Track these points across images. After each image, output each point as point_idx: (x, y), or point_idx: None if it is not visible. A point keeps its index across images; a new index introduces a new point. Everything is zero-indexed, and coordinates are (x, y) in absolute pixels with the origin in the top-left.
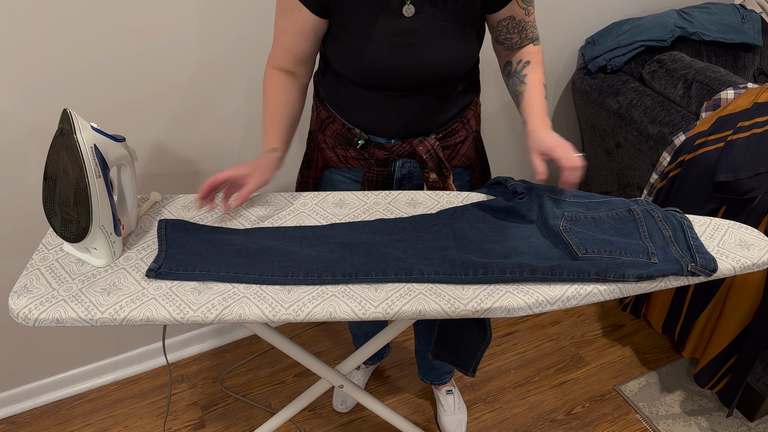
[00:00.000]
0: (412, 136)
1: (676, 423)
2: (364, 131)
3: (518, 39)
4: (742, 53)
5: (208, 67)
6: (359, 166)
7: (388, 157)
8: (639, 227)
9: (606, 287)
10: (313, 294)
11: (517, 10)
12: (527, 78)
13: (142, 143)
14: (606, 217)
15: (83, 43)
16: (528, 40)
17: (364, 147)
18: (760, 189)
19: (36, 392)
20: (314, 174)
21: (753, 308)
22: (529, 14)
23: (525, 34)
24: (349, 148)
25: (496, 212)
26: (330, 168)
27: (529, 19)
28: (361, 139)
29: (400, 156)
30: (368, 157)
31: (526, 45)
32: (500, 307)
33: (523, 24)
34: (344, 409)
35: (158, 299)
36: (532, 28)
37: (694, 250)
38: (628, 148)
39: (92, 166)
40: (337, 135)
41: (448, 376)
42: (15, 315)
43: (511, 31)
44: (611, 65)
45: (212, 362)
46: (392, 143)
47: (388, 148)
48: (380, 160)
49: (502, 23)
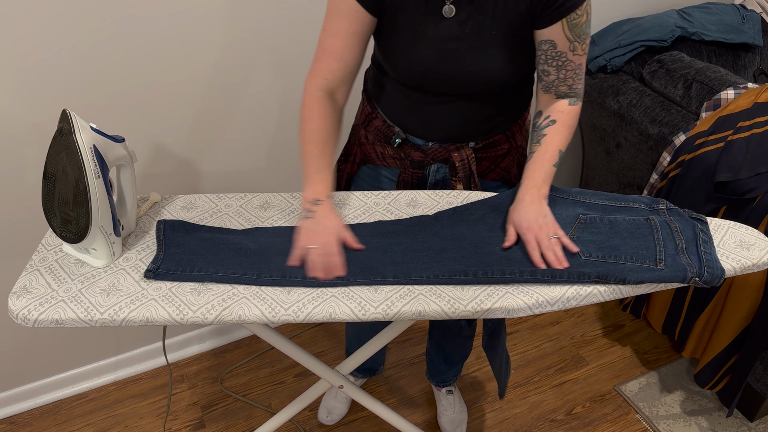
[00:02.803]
0: (451, 141)
1: (676, 423)
2: (404, 131)
3: (555, 77)
4: (742, 53)
5: (208, 68)
6: (395, 166)
7: (423, 159)
8: (654, 233)
9: (606, 288)
10: (313, 295)
11: (561, 38)
12: (544, 140)
13: (142, 143)
14: (623, 220)
15: (83, 43)
16: (566, 87)
17: (401, 146)
18: (760, 189)
19: (36, 392)
20: (350, 168)
21: (753, 308)
22: (575, 52)
23: (565, 74)
24: (386, 146)
25: (496, 211)
26: (368, 164)
27: (572, 59)
28: (399, 137)
29: (435, 160)
30: (404, 157)
31: (562, 99)
32: (500, 308)
33: (565, 60)
34: (330, 421)
35: (158, 300)
36: (575, 76)
37: (704, 264)
38: (628, 148)
39: (92, 167)
40: (377, 131)
41: (454, 378)
42: (14, 316)
43: (550, 61)
44: (611, 65)
45: (212, 362)
46: (429, 146)
47: (424, 151)
48: (415, 162)
49: (543, 46)
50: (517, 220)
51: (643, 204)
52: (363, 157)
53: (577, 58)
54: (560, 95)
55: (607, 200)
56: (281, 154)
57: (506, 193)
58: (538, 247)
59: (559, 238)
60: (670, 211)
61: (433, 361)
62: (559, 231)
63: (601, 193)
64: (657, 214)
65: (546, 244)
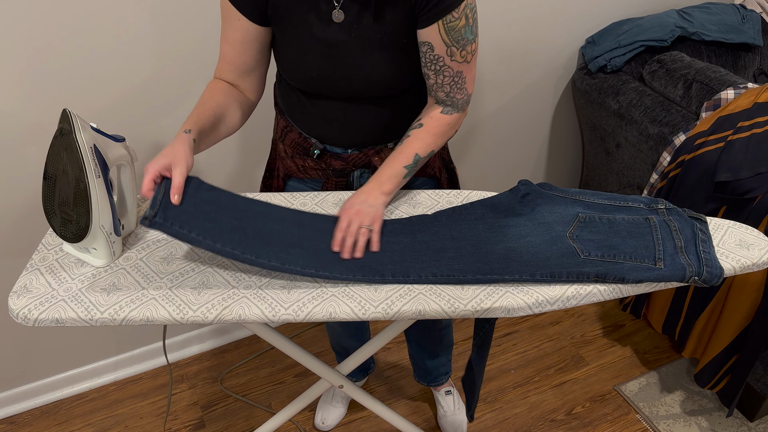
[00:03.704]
0: (369, 146)
1: (676, 423)
2: (320, 141)
3: (434, 82)
4: (742, 53)
5: (208, 68)
6: (318, 177)
7: (345, 167)
8: (653, 232)
9: (606, 287)
10: (313, 294)
11: (437, 41)
12: (406, 140)
13: (142, 143)
14: (622, 220)
15: (83, 43)
16: (443, 93)
17: (321, 157)
18: (760, 189)
19: (36, 392)
20: (277, 183)
21: (753, 308)
22: (453, 58)
23: (442, 80)
24: (306, 158)
25: (495, 211)
26: (292, 178)
27: (450, 64)
28: (317, 148)
29: (357, 166)
30: (325, 167)
31: (438, 105)
32: (500, 307)
33: (443, 65)
34: (325, 428)
35: (158, 299)
36: (454, 84)
37: (703, 263)
38: (628, 148)
39: (92, 166)
40: (295, 144)
41: (445, 377)
42: (15, 315)
43: (429, 64)
44: (611, 65)
45: (212, 362)
46: (348, 153)
47: (344, 158)
48: (338, 171)
49: (422, 48)
50: (344, 204)
51: (643, 204)
52: (286, 171)
53: (455, 64)
54: (438, 101)
55: (607, 200)
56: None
57: (505, 193)
58: (345, 230)
59: (371, 230)
60: (669, 211)
61: (418, 361)
62: (376, 225)
63: (601, 193)
64: (656, 213)
65: (352, 230)
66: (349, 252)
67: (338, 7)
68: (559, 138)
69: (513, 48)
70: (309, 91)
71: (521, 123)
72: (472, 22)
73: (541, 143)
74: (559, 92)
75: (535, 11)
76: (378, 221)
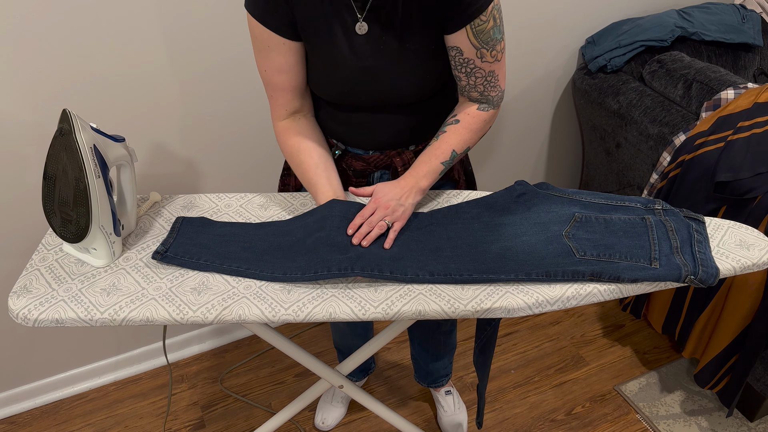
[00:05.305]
0: (391, 148)
1: (676, 423)
2: (342, 143)
3: (466, 83)
4: (742, 53)
5: (208, 68)
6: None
7: (366, 168)
8: (649, 232)
9: (606, 287)
10: (313, 294)
11: (467, 45)
12: (443, 136)
13: (142, 143)
14: (618, 219)
15: (83, 43)
16: (477, 93)
17: (342, 157)
18: (760, 189)
19: (36, 392)
20: (295, 182)
21: (753, 308)
22: (484, 59)
23: (475, 81)
24: None
25: (491, 210)
26: None
27: (481, 66)
28: (338, 149)
29: (378, 167)
30: (346, 167)
31: (473, 103)
32: (500, 308)
33: (474, 67)
34: (325, 428)
35: (158, 299)
36: (487, 83)
37: (698, 263)
38: (628, 148)
39: (92, 167)
40: None
41: (445, 378)
42: (15, 315)
43: (459, 67)
44: (611, 65)
45: (212, 362)
46: (370, 154)
47: (365, 159)
48: (358, 171)
49: (451, 52)
50: (378, 189)
51: (639, 204)
52: None
53: (486, 65)
54: (473, 100)
55: (603, 200)
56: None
57: (501, 192)
58: (366, 217)
59: (390, 227)
60: (665, 212)
61: (420, 363)
62: (397, 224)
63: (597, 193)
64: (653, 213)
65: (373, 219)
66: (359, 238)
67: (361, 19)
68: (559, 138)
69: (513, 48)
70: (337, 102)
71: (521, 123)
72: (500, 22)
73: (541, 143)
74: (559, 92)
75: (535, 11)
76: (401, 222)
